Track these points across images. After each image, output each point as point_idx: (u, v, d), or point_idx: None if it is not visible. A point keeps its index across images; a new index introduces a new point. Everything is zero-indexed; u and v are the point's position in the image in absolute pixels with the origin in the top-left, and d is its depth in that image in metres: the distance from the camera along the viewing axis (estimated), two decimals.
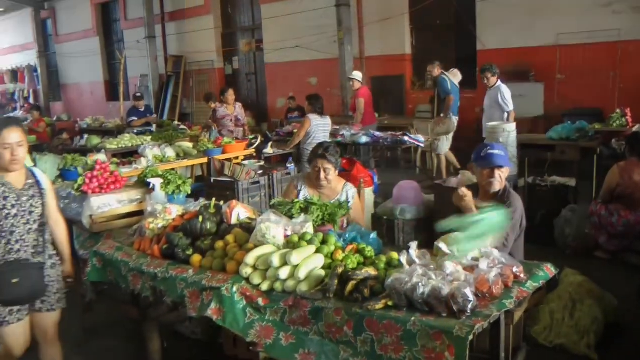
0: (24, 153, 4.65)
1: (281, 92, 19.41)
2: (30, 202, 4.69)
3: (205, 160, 10.53)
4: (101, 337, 6.42)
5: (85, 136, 14.16)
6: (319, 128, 10.63)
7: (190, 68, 22.80)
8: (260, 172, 8.95)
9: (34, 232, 4.72)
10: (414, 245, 4.09)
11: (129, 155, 11.38)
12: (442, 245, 4.14)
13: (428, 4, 15.20)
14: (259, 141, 11.55)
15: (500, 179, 5.02)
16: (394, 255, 4.23)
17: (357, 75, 13.84)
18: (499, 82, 11.15)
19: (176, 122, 17.59)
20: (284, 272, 4.11)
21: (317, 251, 4.31)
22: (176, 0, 22.82)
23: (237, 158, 10.74)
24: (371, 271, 3.95)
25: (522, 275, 3.95)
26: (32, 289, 4.67)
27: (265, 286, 4.19)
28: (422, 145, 11.95)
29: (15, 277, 4.51)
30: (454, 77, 13.19)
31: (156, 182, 6.55)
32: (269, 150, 11.53)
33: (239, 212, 5.21)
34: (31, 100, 30.53)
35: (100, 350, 6.15)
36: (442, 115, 12.82)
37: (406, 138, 11.71)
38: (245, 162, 9.87)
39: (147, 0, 22.44)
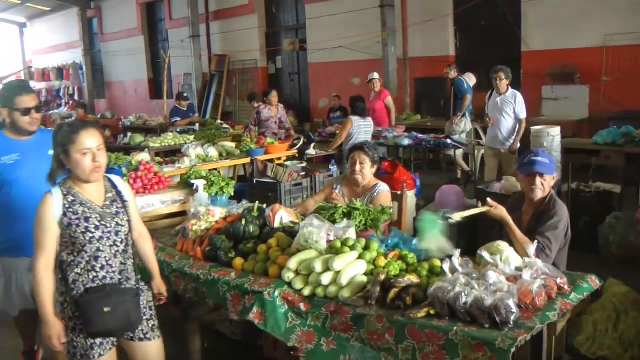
0: (105, 159, 4.02)
1: (324, 92, 19.39)
2: (116, 220, 4.05)
3: (247, 160, 10.58)
4: None
5: (129, 134, 14.31)
6: (361, 129, 10.67)
7: (234, 67, 22.85)
8: (303, 173, 8.96)
9: (120, 254, 4.09)
10: (456, 253, 4.08)
11: (172, 154, 11.48)
12: (485, 254, 4.12)
13: (473, 5, 15.09)
14: (301, 142, 11.58)
15: (542, 187, 4.95)
16: (437, 262, 4.22)
17: (377, 75, 13.79)
18: (511, 89, 10.44)
19: (219, 121, 17.67)
20: (326, 278, 4.12)
21: (360, 257, 4.32)
22: (220, 0, 22.93)
23: (279, 159, 10.78)
24: (413, 278, 3.94)
25: (566, 287, 3.91)
26: (127, 318, 4.00)
27: (307, 291, 4.21)
28: (464, 148, 11.89)
29: (107, 305, 3.87)
30: (469, 80, 13.45)
31: (199, 183, 6.60)
32: (311, 151, 11.54)
33: (282, 215, 5.22)
34: (76, 97, 30.94)
35: None
36: (458, 114, 12.97)
37: (449, 141, 11.67)
38: (288, 163, 9.91)
39: (191, 0, 22.52)
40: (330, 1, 18.50)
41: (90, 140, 3.88)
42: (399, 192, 6.33)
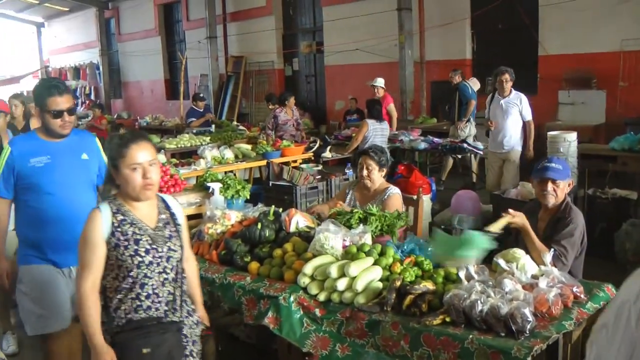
0: (158, 175, 3.65)
1: (340, 94, 19.40)
2: (168, 244, 3.65)
3: (263, 163, 10.58)
4: None
5: None
6: (377, 132, 10.68)
7: (250, 68, 22.90)
8: (319, 177, 8.95)
9: (170, 283, 3.66)
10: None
11: (188, 155, 11.51)
12: (501, 261, 4.12)
13: (490, 8, 15.05)
14: (317, 145, 11.58)
15: (553, 193, 4.93)
16: (453, 269, 4.21)
17: (381, 82, 13.65)
18: (514, 91, 9.91)
19: (235, 123, 17.72)
20: (341, 284, 4.13)
21: (375, 263, 4.32)
22: (238, 1, 22.97)
23: (295, 161, 10.78)
24: (429, 285, 3.94)
25: (582, 296, 3.90)
26: (168, 358, 3.63)
27: (322, 297, 4.22)
28: (480, 152, 11.86)
29: (147, 346, 3.51)
30: (474, 85, 13.53)
31: (215, 186, 6.62)
32: (327, 154, 11.54)
33: (298, 220, 5.23)
34: (92, 97, 31.14)
35: None
36: (463, 119, 12.99)
37: (465, 145, 11.64)
38: (303, 166, 9.91)
39: (209, 1, 22.59)
40: (348, 4, 18.52)
41: (142, 155, 3.52)
42: (414, 197, 6.32)
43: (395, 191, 5.98)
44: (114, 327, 3.53)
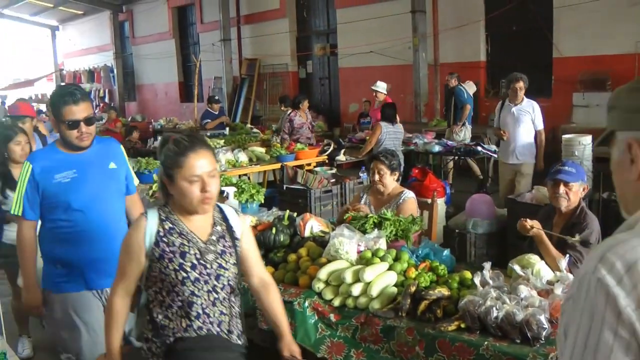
0: (217, 187, 3.22)
1: (354, 97, 19.36)
2: (218, 261, 3.23)
3: (277, 166, 10.60)
4: None
5: (159, 138, 14.37)
6: (390, 135, 10.64)
7: (264, 71, 22.90)
8: (333, 180, 8.95)
9: (221, 302, 3.25)
10: (487, 265, 4.06)
11: None
12: (516, 267, 4.10)
13: (504, 10, 14.99)
14: (331, 148, 11.58)
15: (566, 195, 4.89)
16: (467, 274, 4.21)
17: (382, 86, 13.37)
18: (526, 98, 9.43)
19: (249, 126, 17.74)
20: (356, 289, 4.13)
21: (390, 268, 4.32)
22: (252, 4, 22.99)
23: (309, 164, 10.78)
24: (444, 291, 3.93)
25: None
26: None
27: (337, 302, 4.23)
28: (495, 155, 11.83)
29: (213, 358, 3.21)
30: (469, 88, 13.61)
31: (230, 190, 6.62)
32: (341, 157, 11.54)
33: (313, 224, 5.23)
34: (106, 100, 31.26)
35: None
36: (458, 123, 13.07)
37: (479, 148, 11.61)
38: (317, 169, 9.91)
39: (223, 4, 22.61)
40: (362, 6, 18.48)
41: (201, 164, 3.08)
42: (429, 200, 6.31)
43: (410, 195, 5.96)
44: (161, 344, 3.21)
